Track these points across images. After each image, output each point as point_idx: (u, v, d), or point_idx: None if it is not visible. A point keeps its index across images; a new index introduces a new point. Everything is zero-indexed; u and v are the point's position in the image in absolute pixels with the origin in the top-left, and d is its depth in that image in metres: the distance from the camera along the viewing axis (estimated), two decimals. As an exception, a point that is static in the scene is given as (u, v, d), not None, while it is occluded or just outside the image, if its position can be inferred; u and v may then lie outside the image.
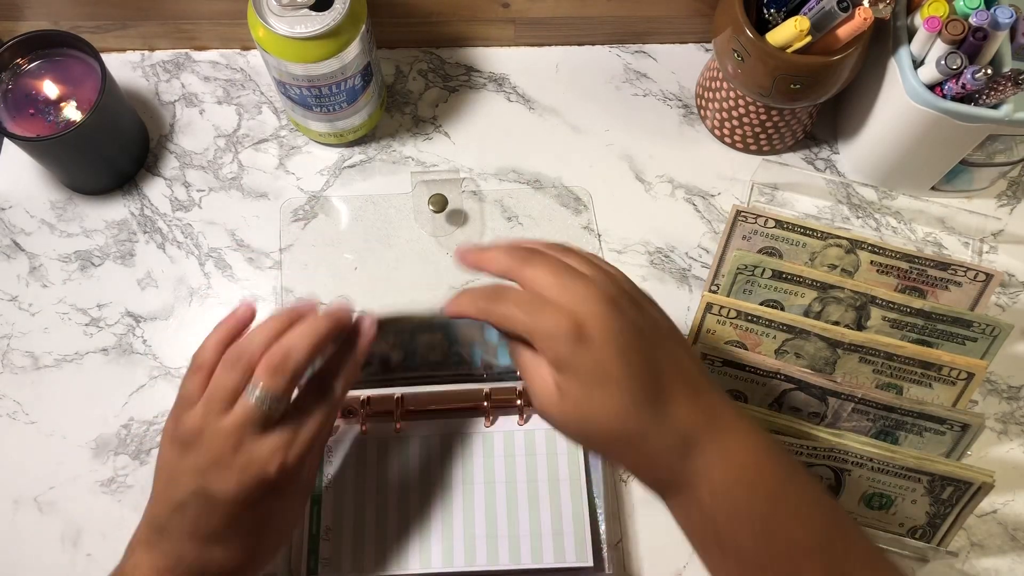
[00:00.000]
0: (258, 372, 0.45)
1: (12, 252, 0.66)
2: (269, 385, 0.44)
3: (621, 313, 0.42)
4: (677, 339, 0.45)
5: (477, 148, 0.70)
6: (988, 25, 0.56)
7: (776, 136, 0.68)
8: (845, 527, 0.43)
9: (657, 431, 0.41)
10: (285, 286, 0.65)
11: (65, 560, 0.58)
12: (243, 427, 0.44)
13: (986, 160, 0.64)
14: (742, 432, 0.43)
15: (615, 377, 0.41)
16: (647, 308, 0.45)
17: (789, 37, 0.58)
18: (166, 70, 0.72)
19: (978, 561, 0.59)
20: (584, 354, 0.41)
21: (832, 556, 0.42)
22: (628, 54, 0.74)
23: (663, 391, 0.42)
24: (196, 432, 0.45)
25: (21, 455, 0.60)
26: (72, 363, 0.63)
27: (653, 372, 0.42)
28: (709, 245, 0.67)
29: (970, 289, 0.61)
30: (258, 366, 0.45)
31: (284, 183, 0.68)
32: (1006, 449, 0.62)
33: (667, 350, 0.43)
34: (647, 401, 0.41)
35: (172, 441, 0.46)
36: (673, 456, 0.42)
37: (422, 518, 0.56)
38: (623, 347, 0.41)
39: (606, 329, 0.41)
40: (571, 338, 0.41)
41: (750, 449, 0.42)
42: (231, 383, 0.45)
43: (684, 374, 0.43)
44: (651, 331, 0.43)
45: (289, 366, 0.45)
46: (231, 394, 0.45)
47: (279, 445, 0.45)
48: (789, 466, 0.43)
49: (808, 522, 0.42)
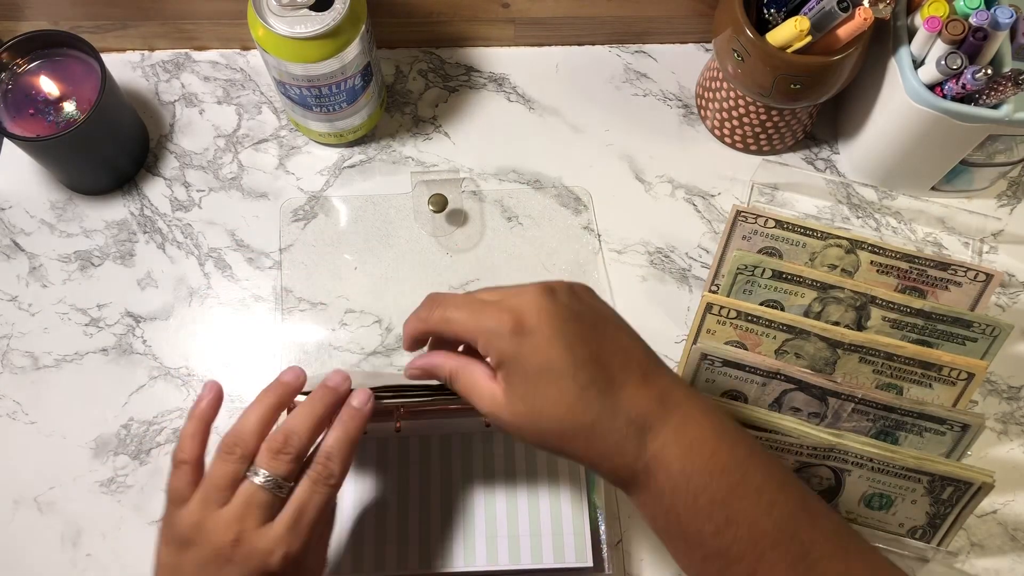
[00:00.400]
0: (259, 458, 0.44)
1: (12, 252, 0.66)
2: (273, 468, 0.44)
3: (559, 303, 0.42)
4: (621, 325, 0.45)
5: (477, 148, 0.70)
6: (988, 25, 0.56)
7: (776, 136, 0.68)
8: (811, 509, 0.42)
9: (609, 419, 0.41)
10: (285, 286, 0.65)
11: (65, 560, 0.58)
12: (244, 517, 0.43)
13: (986, 160, 0.64)
14: (697, 414, 0.42)
15: (560, 367, 0.41)
16: (586, 297, 0.44)
17: (789, 37, 0.58)
18: (166, 70, 0.72)
19: (978, 561, 0.59)
20: (527, 347, 0.41)
21: (798, 543, 0.41)
22: (628, 54, 0.74)
23: (612, 378, 0.41)
24: (194, 527, 0.43)
25: (21, 455, 0.60)
26: (72, 363, 0.63)
27: (599, 359, 0.42)
28: (709, 245, 0.67)
29: (970, 289, 0.61)
30: (259, 452, 0.44)
31: (284, 183, 0.68)
32: (1006, 449, 0.62)
33: (611, 337, 0.43)
34: (595, 389, 0.41)
35: (169, 542, 0.45)
36: (628, 444, 0.41)
37: (421, 518, 0.56)
38: (566, 336, 0.41)
39: (547, 320, 0.41)
40: (513, 332, 0.41)
41: (707, 432, 0.42)
42: (230, 472, 0.44)
43: (632, 359, 0.43)
44: (593, 318, 0.43)
45: (291, 450, 0.44)
46: (231, 483, 0.44)
47: (281, 534, 0.43)
48: (747, 447, 0.43)
49: (771, 508, 0.41)
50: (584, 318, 0.43)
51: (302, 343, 0.64)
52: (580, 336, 0.42)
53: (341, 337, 0.64)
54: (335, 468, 0.45)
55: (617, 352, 0.42)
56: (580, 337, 0.42)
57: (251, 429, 0.45)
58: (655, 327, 0.64)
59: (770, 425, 0.54)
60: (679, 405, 0.42)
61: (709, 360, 0.57)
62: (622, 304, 0.65)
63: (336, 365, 0.63)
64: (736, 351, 0.57)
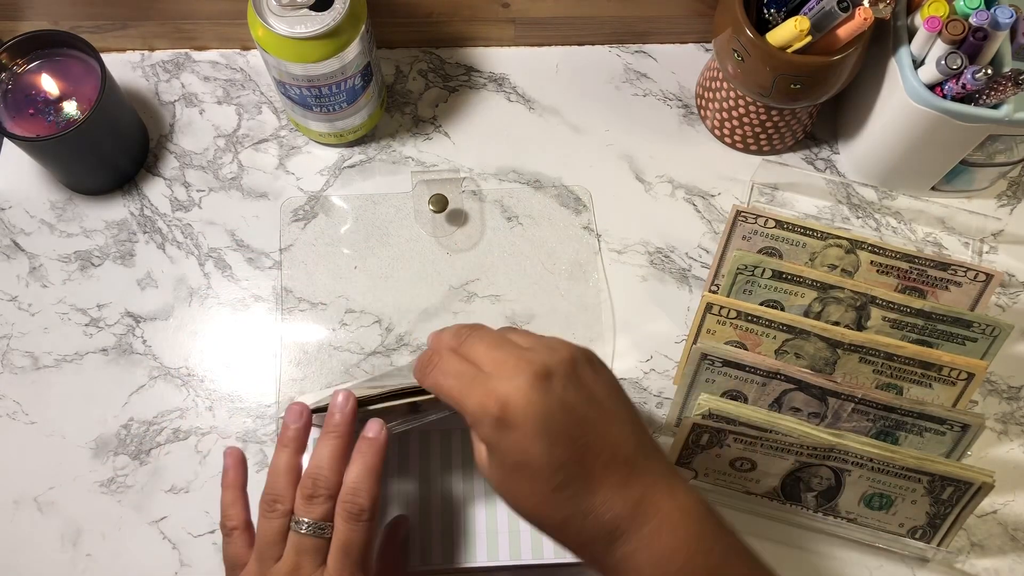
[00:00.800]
0: (297, 508, 0.46)
1: (12, 252, 0.66)
2: (311, 514, 0.46)
3: (549, 393, 0.40)
4: (617, 415, 0.42)
5: (477, 148, 0.70)
6: (988, 25, 0.56)
7: (776, 136, 0.68)
8: None
9: (579, 520, 0.40)
10: (285, 286, 0.65)
11: (65, 560, 0.58)
12: (299, 566, 0.45)
13: (986, 160, 0.64)
14: (675, 518, 0.40)
15: (536, 467, 0.40)
16: (588, 382, 0.42)
17: (789, 37, 0.58)
18: (166, 70, 0.72)
19: (978, 561, 0.59)
20: (507, 440, 0.40)
21: None
22: (628, 54, 0.74)
23: (590, 478, 0.40)
24: None
25: (21, 455, 0.60)
26: (72, 363, 0.63)
27: (581, 459, 0.40)
28: (709, 245, 0.67)
29: (970, 289, 0.61)
30: (295, 502, 0.46)
31: (284, 183, 0.68)
32: (1006, 449, 0.62)
33: (601, 431, 0.41)
34: (570, 491, 0.40)
35: None
36: (596, 546, 0.40)
37: (422, 514, 0.56)
38: (548, 434, 0.40)
39: (531, 413, 0.40)
40: (494, 423, 0.40)
41: (680, 540, 0.40)
42: (275, 528, 0.46)
43: (617, 456, 0.41)
44: (586, 410, 0.41)
45: (321, 492, 0.46)
46: (280, 537, 0.46)
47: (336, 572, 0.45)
48: (723, 553, 0.41)
49: None
50: (576, 411, 0.41)
51: (302, 343, 0.64)
52: (565, 434, 0.40)
53: (341, 337, 0.64)
54: (363, 502, 0.46)
55: (604, 449, 0.41)
56: (565, 435, 0.40)
57: (283, 483, 0.47)
58: (655, 327, 0.65)
59: (770, 425, 0.54)
60: (658, 510, 0.40)
61: (709, 360, 0.57)
62: (622, 304, 0.65)
63: (336, 365, 0.63)
64: (736, 351, 0.57)
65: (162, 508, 0.59)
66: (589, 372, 0.43)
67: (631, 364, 0.64)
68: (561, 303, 0.65)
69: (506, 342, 0.43)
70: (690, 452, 0.56)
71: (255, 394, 0.62)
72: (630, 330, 0.65)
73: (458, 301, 0.65)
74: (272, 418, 0.61)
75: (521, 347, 0.42)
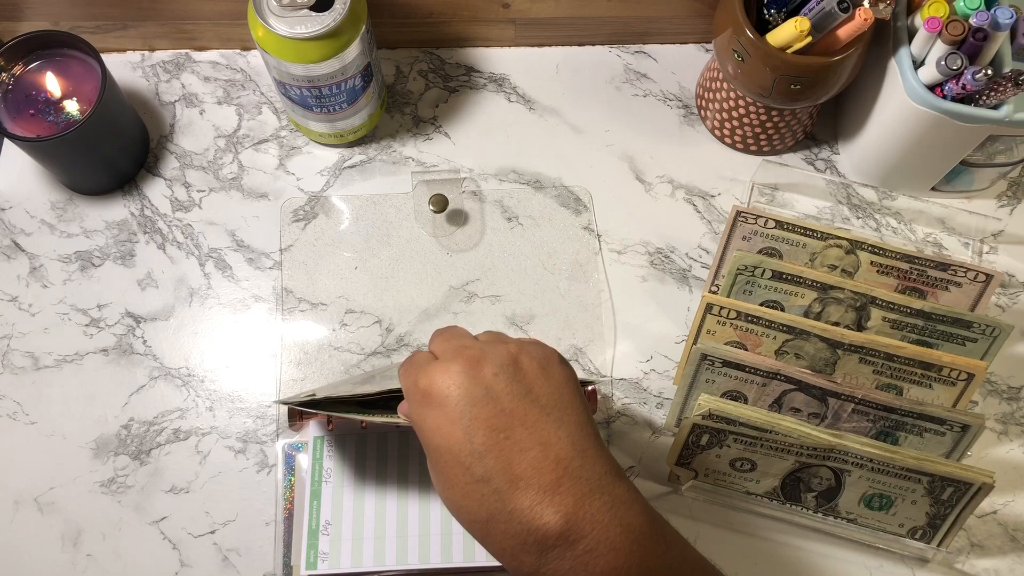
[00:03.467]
0: None
1: (12, 252, 0.66)
2: None
3: (476, 379, 0.40)
4: (557, 415, 0.40)
5: (477, 148, 0.70)
6: (988, 26, 0.56)
7: (776, 136, 0.68)
8: None
9: (504, 522, 0.38)
10: (285, 286, 0.65)
11: (65, 560, 0.58)
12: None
13: (986, 161, 0.64)
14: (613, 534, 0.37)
15: (456, 450, 0.39)
16: (530, 377, 0.41)
17: (789, 38, 0.58)
18: (166, 70, 0.72)
19: (978, 561, 0.59)
20: (429, 421, 0.40)
21: None
22: (628, 54, 0.74)
23: (514, 478, 0.38)
24: None
25: (21, 455, 0.60)
26: (72, 363, 0.63)
27: (502, 452, 0.38)
28: (709, 245, 0.67)
29: (970, 290, 0.61)
30: None
31: (284, 183, 0.68)
32: (1006, 450, 0.62)
33: (531, 426, 0.39)
34: (490, 486, 0.38)
35: None
36: (526, 556, 0.38)
37: (421, 513, 0.56)
38: (468, 420, 0.39)
39: (453, 395, 0.39)
40: (420, 399, 0.40)
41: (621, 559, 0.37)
42: None
43: (547, 456, 0.38)
44: (515, 403, 0.39)
45: None
46: None
47: None
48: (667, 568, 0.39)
49: None
50: (501, 400, 0.39)
51: (302, 343, 0.64)
52: (487, 423, 0.39)
53: (341, 337, 0.64)
54: None
55: (532, 446, 0.38)
56: (486, 424, 0.39)
57: None
58: (655, 327, 0.65)
59: (770, 425, 0.54)
60: (595, 525, 0.37)
61: (709, 360, 0.57)
62: (622, 304, 0.65)
63: (336, 366, 0.63)
64: (736, 351, 0.57)
65: (162, 508, 0.59)
66: (535, 369, 0.41)
67: (631, 364, 0.64)
68: (561, 303, 0.65)
69: (462, 336, 0.44)
70: (690, 452, 0.56)
71: (255, 394, 0.62)
72: (630, 330, 0.65)
73: (458, 301, 0.65)
74: (272, 418, 0.62)
75: (475, 340, 0.43)
